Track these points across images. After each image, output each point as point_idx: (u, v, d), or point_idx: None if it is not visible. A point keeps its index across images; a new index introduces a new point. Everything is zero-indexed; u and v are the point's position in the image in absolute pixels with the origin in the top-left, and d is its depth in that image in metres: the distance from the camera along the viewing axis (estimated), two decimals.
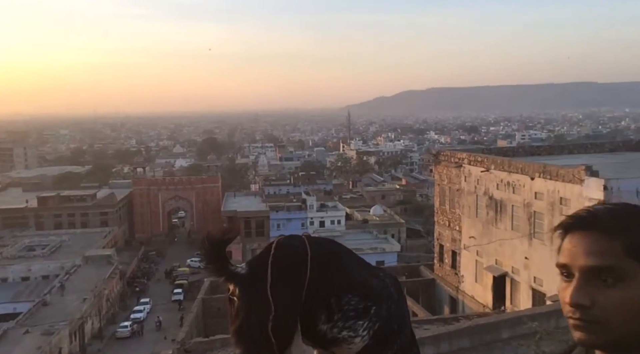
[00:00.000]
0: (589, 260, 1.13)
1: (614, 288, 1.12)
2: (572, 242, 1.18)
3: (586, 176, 20.91)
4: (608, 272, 1.12)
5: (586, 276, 1.15)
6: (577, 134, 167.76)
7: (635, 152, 33.01)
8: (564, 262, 1.19)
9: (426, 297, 32.28)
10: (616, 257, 1.12)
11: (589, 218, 1.17)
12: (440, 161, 34.02)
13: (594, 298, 1.13)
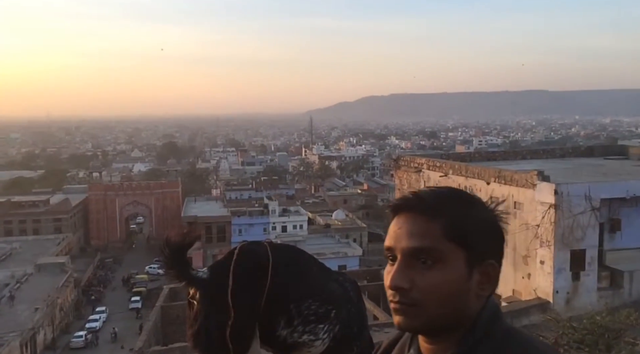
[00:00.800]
0: (410, 242, 1.14)
1: (432, 270, 1.13)
2: (398, 224, 1.18)
3: (538, 180, 21.72)
4: (427, 253, 1.13)
5: (407, 258, 1.15)
6: (531, 140, 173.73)
7: (584, 158, 34.53)
8: (388, 244, 1.19)
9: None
10: (435, 238, 1.13)
11: (414, 200, 1.18)
12: (400, 166, 34.59)
13: (412, 281, 1.14)
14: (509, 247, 23.76)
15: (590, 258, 21.07)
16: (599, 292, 20.82)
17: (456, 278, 1.14)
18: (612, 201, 21.59)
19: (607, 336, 12.67)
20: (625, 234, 22.03)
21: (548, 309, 19.30)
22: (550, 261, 21.04)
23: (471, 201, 1.20)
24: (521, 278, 22.86)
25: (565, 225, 20.84)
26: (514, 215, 23.50)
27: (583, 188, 21.18)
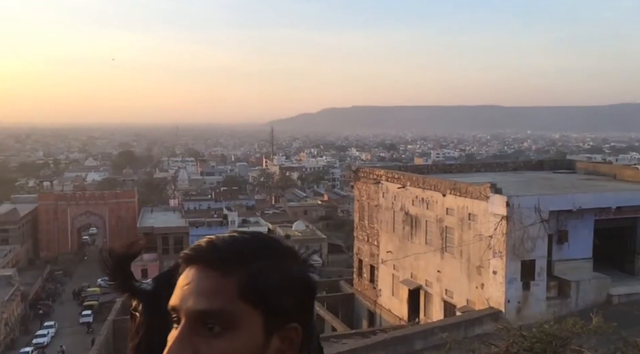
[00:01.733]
0: (197, 303, 0.95)
1: (220, 338, 0.93)
2: (186, 278, 0.99)
3: (491, 193, 22.37)
4: (216, 317, 0.94)
5: (192, 322, 0.95)
6: (486, 153, 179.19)
7: (535, 172, 35.85)
8: (172, 304, 1.00)
9: (345, 311, 32.75)
10: (227, 298, 0.94)
11: (207, 249, 0.98)
12: (359, 177, 34.93)
13: (196, 351, 0.94)
14: (463, 257, 24.43)
15: (539, 268, 21.81)
16: (547, 301, 21.53)
17: (250, 347, 0.94)
18: (560, 213, 22.47)
19: (555, 344, 13.05)
20: (572, 245, 22.95)
21: (500, 318, 19.79)
22: (502, 271, 21.65)
23: (277, 251, 1.01)
24: (475, 287, 23.39)
25: (517, 236, 21.52)
26: (468, 226, 24.11)
27: (533, 200, 21.95)
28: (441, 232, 26.09)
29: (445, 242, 25.82)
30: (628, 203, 23.38)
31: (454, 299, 24.87)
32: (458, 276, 24.63)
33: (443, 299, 25.71)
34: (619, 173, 32.39)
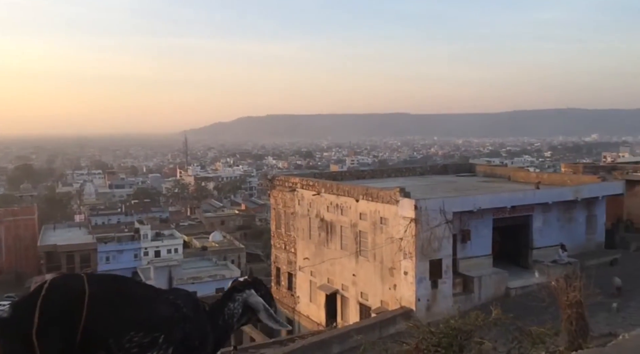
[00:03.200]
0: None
1: None
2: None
3: (400, 197, 23.39)
4: None
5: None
6: (397, 159, 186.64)
7: (440, 175, 37.95)
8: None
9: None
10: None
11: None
12: (275, 185, 35.00)
13: None
14: (376, 260, 25.26)
15: (446, 267, 23.08)
16: (454, 297, 22.82)
17: None
18: (462, 214, 23.97)
19: (460, 337, 13.80)
20: (474, 244, 24.56)
21: (411, 316, 20.67)
22: (412, 272, 22.65)
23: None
24: (388, 289, 24.27)
25: (424, 237, 22.64)
26: (380, 230, 24.99)
27: (438, 203, 23.22)
28: (355, 237, 26.80)
29: (360, 246, 26.55)
30: (521, 202, 25.47)
31: (369, 301, 25.61)
32: (372, 279, 25.42)
33: (359, 302, 26.39)
34: (513, 175, 35.20)
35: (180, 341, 1.89)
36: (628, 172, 31.35)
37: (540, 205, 26.15)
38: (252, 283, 2.40)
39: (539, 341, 12.91)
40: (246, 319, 2.36)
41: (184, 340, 1.90)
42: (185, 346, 1.91)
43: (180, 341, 1.89)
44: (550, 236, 26.41)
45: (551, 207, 26.48)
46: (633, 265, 25.26)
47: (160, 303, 1.93)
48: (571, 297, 16.30)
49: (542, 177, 33.76)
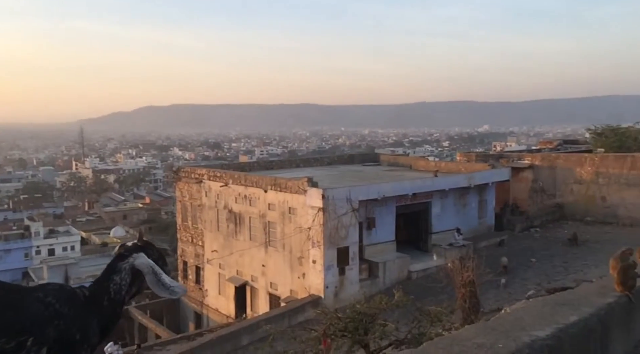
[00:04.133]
0: None
1: None
2: None
3: (308, 186, 23.66)
4: None
5: None
6: (306, 149, 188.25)
7: (347, 165, 38.92)
8: None
9: (171, 317, 31.56)
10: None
11: None
12: (180, 177, 33.89)
13: None
14: (285, 250, 25.43)
15: (353, 254, 23.79)
16: (360, 283, 23.61)
17: None
18: (368, 202, 24.79)
19: (365, 321, 14.29)
20: (379, 230, 25.54)
21: (320, 304, 21.09)
22: (320, 260, 23.08)
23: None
24: (297, 278, 24.54)
25: (332, 226, 23.14)
26: (289, 220, 25.14)
27: (345, 192, 23.82)
28: (264, 228, 26.74)
29: (269, 236, 26.55)
30: (421, 190, 26.86)
31: (278, 291, 25.74)
32: (282, 269, 25.56)
33: (268, 292, 26.43)
34: (414, 164, 37.01)
35: (55, 339, 1.76)
36: (513, 160, 34.20)
37: (438, 192, 27.76)
38: (142, 246, 2.12)
39: (436, 319, 13.74)
40: (137, 287, 2.08)
41: (60, 338, 1.78)
42: (64, 343, 1.79)
43: (55, 340, 1.76)
44: (447, 220, 28.14)
45: (448, 193, 28.21)
46: (518, 245, 27.69)
47: (28, 304, 1.78)
48: (465, 277, 17.54)
49: (439, 165, 35.84)
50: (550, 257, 24.81)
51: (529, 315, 4.70)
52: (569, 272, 22.02)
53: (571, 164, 32.01)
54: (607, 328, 5.63)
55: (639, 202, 29.16)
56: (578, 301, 5.67)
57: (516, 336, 3.91)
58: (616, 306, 6.10)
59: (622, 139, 34.96)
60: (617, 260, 6.92)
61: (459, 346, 3.64)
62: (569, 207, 31.97)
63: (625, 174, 29.68)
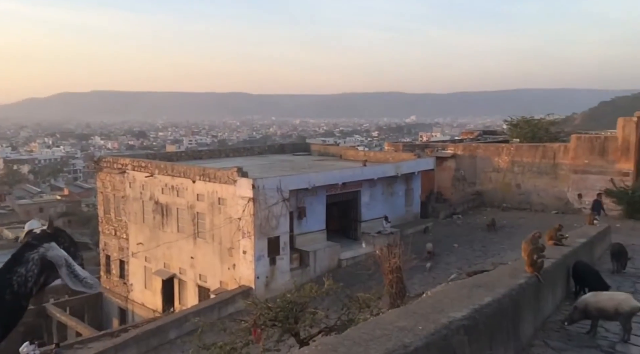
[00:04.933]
0: None
1: None
2: None
3: (238, 176, 23.37)
4: None
5: None
6: (237, 139, 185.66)
7: (277, 155, 38.82)
8: None
9: (93, 313, 30.21)
10: None
11: None
12: (102, 167, 32.33)
13: None
14: (215, 241, 25.01)
15: (283, 243, 23.83)
16: (291, 272, 23.73)
17: None
18: (298, 192, 24.88)
19: (295, 309, 14.39)
20: (309, 220, 25.74)
21: (250, 294, 21.00)
22: (251, 250, 22.93)
23: None
24: (227, 269, 24.25)
25: (263, 216, 23.02)
26: (218, 210, 24.73)
27: (275, 182, 23.74)
28: (193, 219, 26.14)
29: (198, 228, 25.99)
30: (351, 179, 27.33)
31: (207, 283, 25.31)
32: (211, 260, 25.13)
33: (197, 285, 25.93)
34: (344, 153, 37.57)
35: None
36: (437, 150, 35.62)
37: (367, 181, 28.38)
38: (52, 234, 1.98)
39: (365, 305, 14.11)
40: (44, 278, 1.94)
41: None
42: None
43: None
44: (375, 209, 28.87)
45: (376, 182, 28.91)
46: (442, 231, 28.96)
47: None
48: (392, 263, 18.12)
49: (368, 155, 36.62)
50: (470, 242, 26.17)
51: (448, 298, 4.94)
52: (487, 256, 23.33)
53: (490, 153, 33.83)
54: (519, 307, 6.04)
55: (549, 189, 31.41)
56: (493, 283, 6.03)
57: (435, 318, 4.09)
58: (527, 287, 6.56)
59: (534, 130, 37.39)
60: (528, 243, 7.43)
61: (381, 329, 3.76)
62: (487, 195, 33.84)
63: (537, 162, 31.81)
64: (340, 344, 3.44)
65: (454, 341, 3.98)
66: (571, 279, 9.71)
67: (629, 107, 43.42)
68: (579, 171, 30.19)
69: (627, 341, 7.29)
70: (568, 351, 6.76)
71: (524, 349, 6.30)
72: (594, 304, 7.39)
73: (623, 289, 10.88)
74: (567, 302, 9.05)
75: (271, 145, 44.58)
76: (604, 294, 7.82)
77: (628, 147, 28.62)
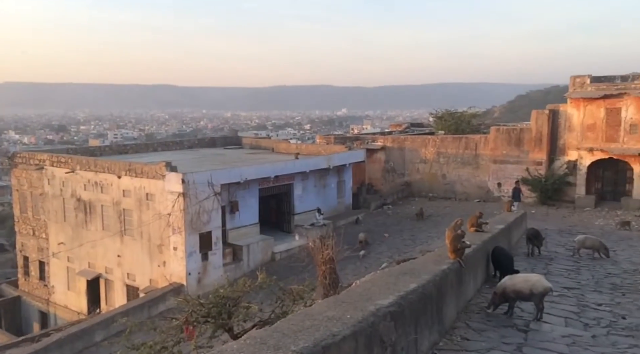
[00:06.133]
0: None
1: None
2: None
3: (167, 171, 22.69)
4: None
5: None
6: (166, 133, 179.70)
7: (208, 148, 38.07)
8: None
9: (10, 318, 28.34)
10: None
11: None
12: (17, 163, 30.27)
13: None
14: (143, 238, 24.17)
15: (215, 238, 23.47)
16: (224, 267, 23.44)
17: None
18: (230, 186, 24.56)
19: (228, 305, 14.25)
20: (242, 214, 25.50)
21: (182, 291, 20.55)
22: (182, 246, 22.40)
23: None
24: (157, 266, 23.55)
25: (193, 211, 22.53)
26: (147, 206, 23.91)
27: (206, 176, 23.28)
28: (119, 216, 25.12)
29: (124, 225, 25.01)
30: (283, 172, 27.34)
31: (136, 281, 24.45)
32: (140, 258, 24.29)
33: (125, 284, 24.98)
34: (276, 147, 37.50)
35: None
36: (368, 142, 36.41)
37: (299, 174, 28.51)
38: None
39: (298, 297, 14.21)
40: None
41: None
42: None
43: None
44: (308, 201, 29.09)
45: (309, 175, 29.12)
46: (373, 222, 29.70)
47: None
48: (325, 255, 18.35)
49: (301, 148, 36.77)
50: (400, 231, 27.04)
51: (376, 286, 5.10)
52: (416, 244, 24.21)
53: (417, 145, 35.04)
54: (442, 292, 6.34)
55: (471, 179, 33.05)
56: (418, 270, 6.29)
57: (363, 307, 4.22)
58: (449, 272, 6.89)
59: (458, 122, 39.14)
60: (450, 231, 7.80)
61: (310, 320, 3.82)
62: (416, 185, 35.07)
63: (460, 153, 33.35)
64: (270, 337, 3.47)
65: (380, 328, 4.12)
66: (491, 263, 10.32)
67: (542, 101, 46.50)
68: (498, 161, 32.00)
69: (540, 319, 7.87)
70: (488, 331, 7.20)
71: (448, 332, 6.63)
72: (511, 287, 7.91)
73: (537, 271, 11.71)
74: (487, 285, 9.62)
75: (202, 138, 43.55)
76: (519, 277, 8.38)
77: (541, 139, 30.67)
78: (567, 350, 6.76)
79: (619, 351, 6.93)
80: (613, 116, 28.53)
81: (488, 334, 7.06)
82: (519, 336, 7.14)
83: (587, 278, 11.71)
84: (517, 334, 7.22)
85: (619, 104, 28.33)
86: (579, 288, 10.69)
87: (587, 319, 8.38)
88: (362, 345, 3.86)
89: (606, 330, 7.87)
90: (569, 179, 29.98)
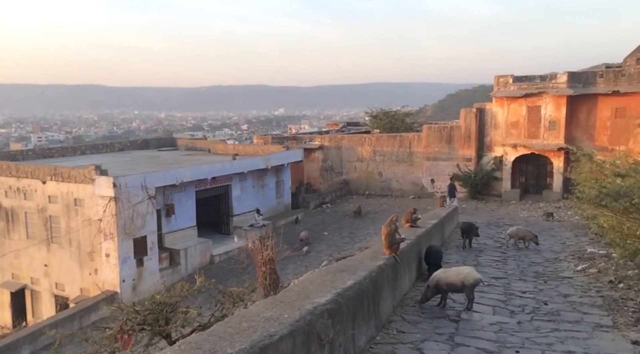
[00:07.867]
0: None
1: None
2: None
3: (96, 175, 21.72)
4: None
5: None
6: (95, 135, 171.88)
7: (142, 150, 36.80)
8: None
9: None
10: None
11: None
12: None
13: None
14: (73, 245, 23.01)
15: (151, 243, 22.74)
16: (161, 272, 22.77)
17: None
18: (165, 188, 23.89)
19: (165, 310, 13.88)
20: (178, 217, 24.87)
21: (116, 299, 19.76)
22: (115, 253, 21.53)
23: None
24: (88, 274, 22.51)
25: (127, 216, 21.72)
26: (75, 212, 22.79)
27: (139, 179, 22.51)
28: (45, 223, 23.78)
29: (51, 232, 23.71)
30: (220, 173, 26.93)
31: (66, 291, 23.26)
32: (69, 267, 23.12)
33: (54, 294, 23.70)
34: (212, 147, 36.85)
35: None
36: (305, 141, 36.60)
37: (237, 175, 28.19)
38: None
39: (238, 299, 14.06)
40: None
41: None
42: None
43: None
44: (247, 202, 28.84)
45: (247, 176, 28.86)
46: (312, 220, 29.91)
47: None
48: (265, 255, 18.27)
49: (238, 148, 36.37)
50: (339, 229, 27.41)
51: (313, 284, 5.16)
52: (355, 241, 24.62)
53: (354, 144, 35.63)
54: (378, 287, 6.50)
55: (406, 176, 34.05)
56: (355, 267, 6.42)
57: (300, 305, 4.26)
58: (385, 267, 7.08)
59: (392, 121, 40.20)
60: (386, 227, 8.02)
61: (248, 322, 3.81)
62: (353, 183, 35.65)
63: (395, 151, 34.27)
64: (205, 341, 3.43)
65: (318, 325, 4.18)
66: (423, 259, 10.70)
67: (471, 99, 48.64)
68: (431, 158, 33.16)
69: (470, 309, 8.26)
70: (422, 323, 7.46)
71: (384, 326, 6.82)
72: (444, 279, 8.24)
73: (468, 263, 12.27)
74: (420, 279, 9.96)
75: (134, 140, 42.00)
76: (451, 270, 8.74)
77: (469, 136, 32.10)
78: (495, 337, 7.13)
79: (542, 335, 7.40)
80: (534, 114, 30.35)
81: (422, 325, 7.32)
82: (451, 326, 7.46)
83: (512, 268, 12.40)
84: (449, 325, 7.53)
85: (539, 102, 30.17)
86: (505, 277, 11.30)
87: (513, 307, 8.88)
88: (299, 344, 3.90)
89: (530, 316, 8.38)
90: (496, 174, 31.59)
